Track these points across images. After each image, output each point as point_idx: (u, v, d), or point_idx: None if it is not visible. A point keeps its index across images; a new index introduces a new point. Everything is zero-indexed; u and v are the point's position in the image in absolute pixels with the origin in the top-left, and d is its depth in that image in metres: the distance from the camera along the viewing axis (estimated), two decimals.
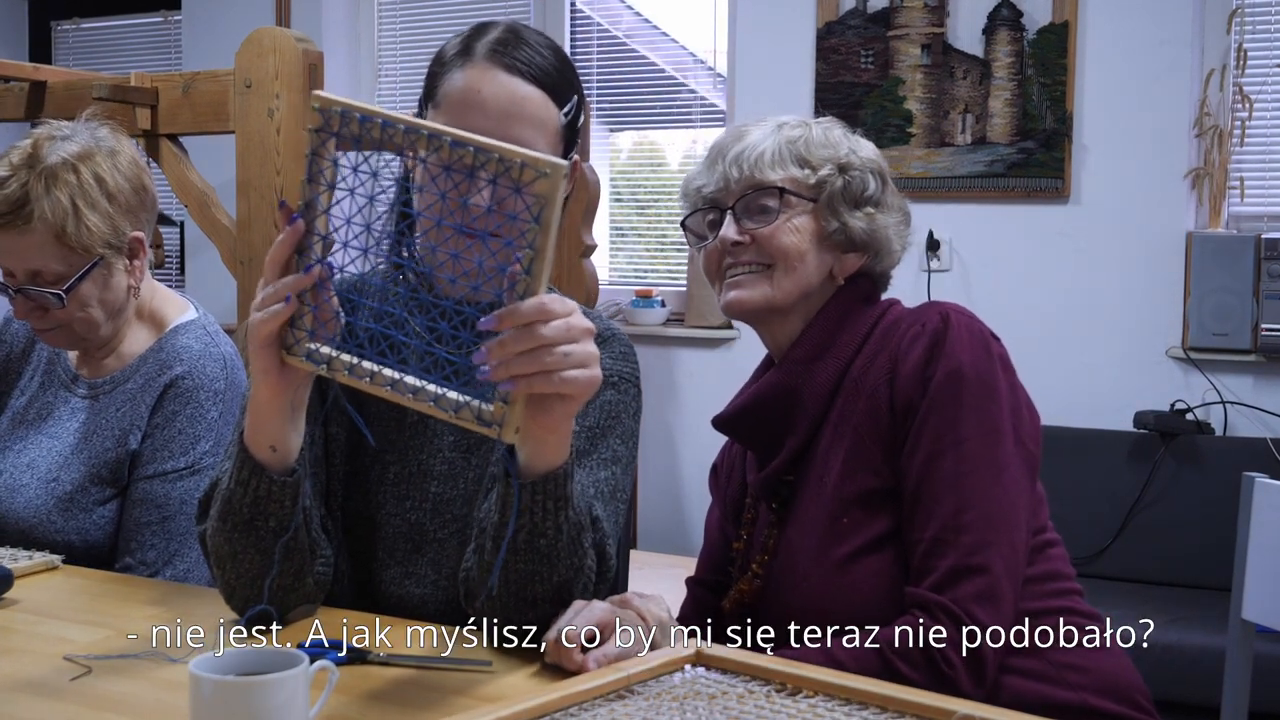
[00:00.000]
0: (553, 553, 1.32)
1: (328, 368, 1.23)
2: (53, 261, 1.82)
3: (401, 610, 1.52)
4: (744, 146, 1.57)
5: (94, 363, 1.96)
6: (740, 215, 1.56)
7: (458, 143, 1.15)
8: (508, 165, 1.13)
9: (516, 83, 1.44)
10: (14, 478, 1.88)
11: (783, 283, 1.55)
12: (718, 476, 1.75)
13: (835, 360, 1.54)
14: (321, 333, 1.23)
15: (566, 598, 1.34)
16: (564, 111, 1.47)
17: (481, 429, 1.18)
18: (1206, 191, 3.78)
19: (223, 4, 5.25)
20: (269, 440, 1.34)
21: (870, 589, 1.45)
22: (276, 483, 1.36)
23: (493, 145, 1.14)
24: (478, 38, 1.48)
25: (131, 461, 1.87)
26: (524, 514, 1.30)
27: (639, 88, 4.74)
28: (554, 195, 1.13)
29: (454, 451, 1.53)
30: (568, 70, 1.50)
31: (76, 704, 1.22)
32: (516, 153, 1.13)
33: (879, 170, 1.59)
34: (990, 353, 1.47)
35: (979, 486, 1.41)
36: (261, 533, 1.38)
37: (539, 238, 1.13)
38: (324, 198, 1.21)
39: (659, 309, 4.51)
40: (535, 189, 1.13)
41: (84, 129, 1.89)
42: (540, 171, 1.12)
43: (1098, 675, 1.47)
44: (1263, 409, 3.69)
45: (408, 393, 1.19)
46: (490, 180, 1.14)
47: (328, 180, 1.21)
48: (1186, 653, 3.07)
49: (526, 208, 1.13)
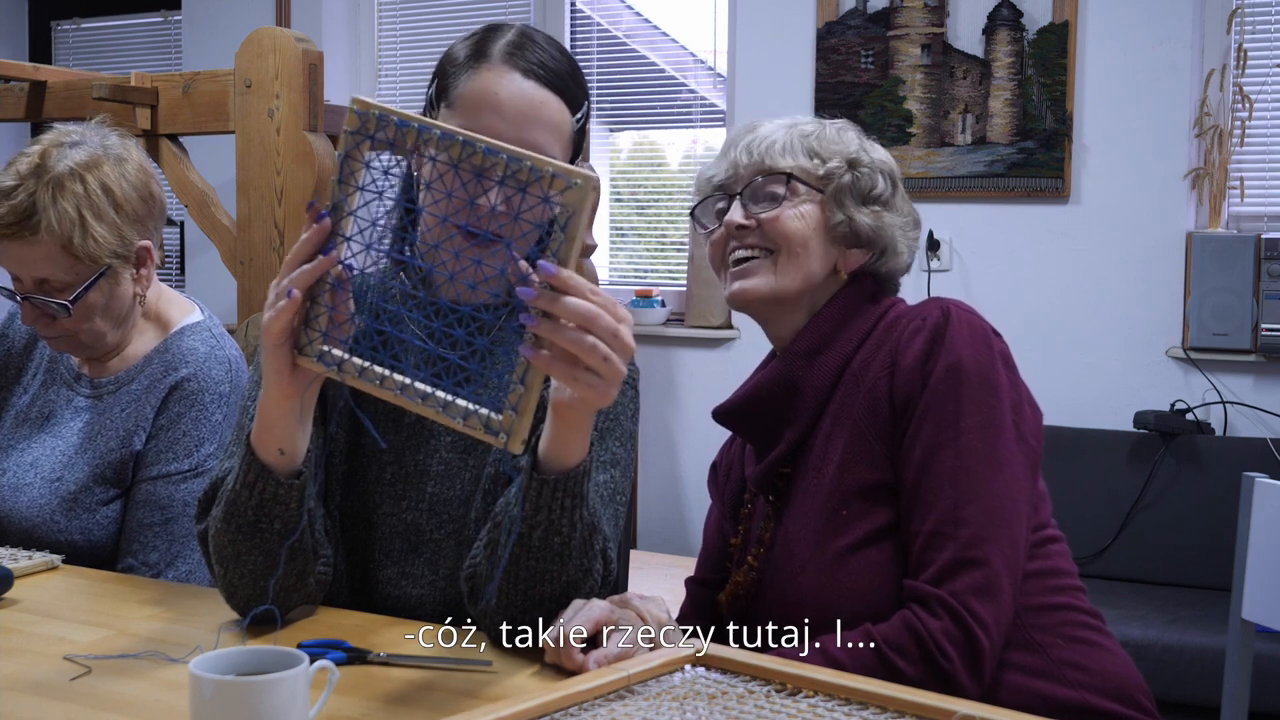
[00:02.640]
0: (565, 551, 1.33)
1: (339, 370, 1.22)
2: (60, 271, 1.82)
3: (398, 610, 1.52)
4: (755, 136, 1.59)
5: (98, 362, 1.95)
6: (747, 200, 1.58)
7: (491, 150, 1.16)
8: (539, 174, 1.14)
9: (533, 86, 1.45)
10: (17, 476, 1.88)
11: (786, 270, 1.55)
12: (717, 475, 1.76)
13: (836, 354, 1.54)
14: (335, 334, 1.23)
15: (576, 594, 1.35)
16: (576, 117, 1.49)
17: (489, 438, 1.17)
18: (1206, 191, 3.78)
19: (223, 4, 5.25)
20: (277, 443, 1.34)
21: (868, 582, 1.45)
22: (284, 485, 1.36)
23: (524, 154, 1.15)
24: (492, 40, 1.48)
25: (135, 462, 1.87)
26: (542, 510, 1.30)
27: (639, 88, 4.74)
28: (582, 206, 1.13)
29: (451, 452, 1.53)
30: (579, 76, 1.51)
31: (76, 704, 1.22)
32: (547, 163, 1.14)
33: (890, 173, 1.60)
34: (991, 348, 1.47)
35: (978, 480, 1.42)
36: (266, 534, 1.38)
37: (564, 248, 1.14)
38: (351, 199, 1.22)
39: (659, 309, 4.51)
40: (564, 199, 1.13)
41: (93, 134, 1.88)
42: (571, 182, 1.13)
43: (1099, 674, 1.47)
44: (1263, 409, 3.69)
45: (416, 398, 1.19)
46: (520, 188, 1.15)
47: (357, 182, 1.21)
48: (1186, 653, 3.07)
49: (554, 217, 1.14)
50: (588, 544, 1.35)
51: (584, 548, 1.34)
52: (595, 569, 1.37)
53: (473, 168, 1.17)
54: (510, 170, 1.15)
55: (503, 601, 1.36)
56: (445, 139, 1.17)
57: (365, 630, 1.43)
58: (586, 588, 1.36)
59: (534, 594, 1.35)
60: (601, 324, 1.16)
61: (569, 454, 1.29)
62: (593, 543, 1.35)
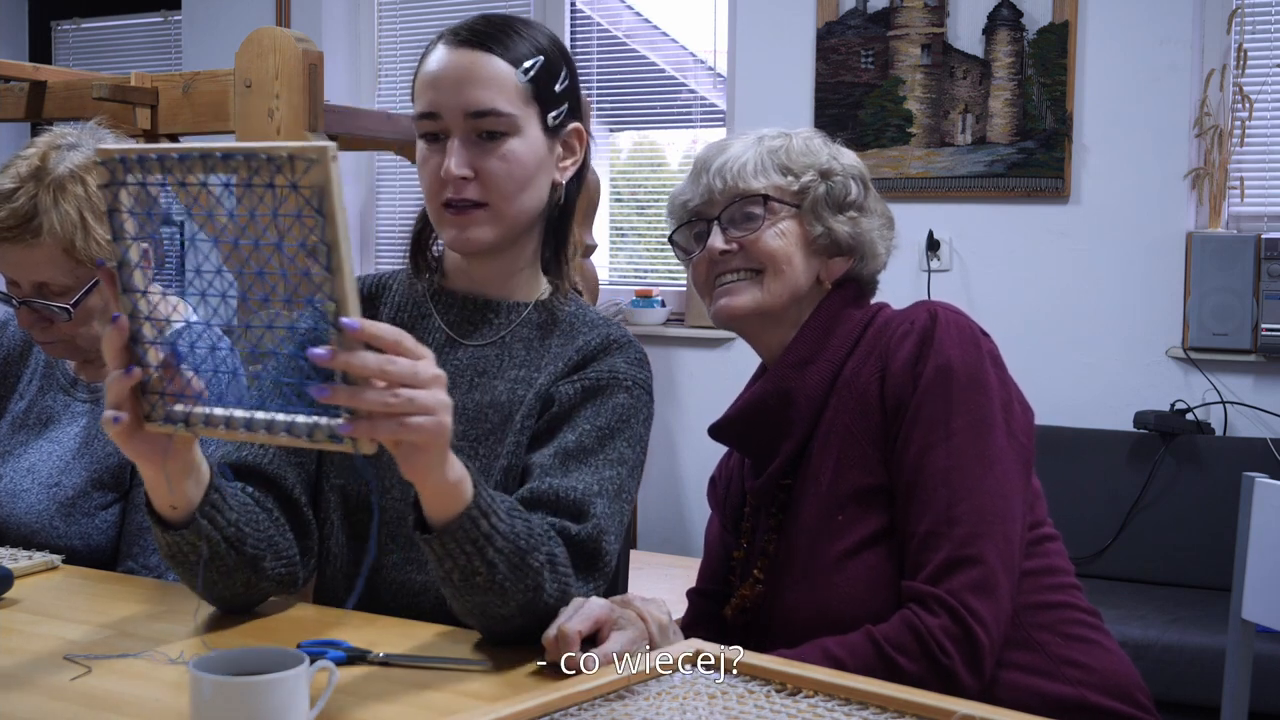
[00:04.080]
0: (492, 586, 1.30)
1: (186, 425, 1.20)
2: (60, 275, 1.81)
3: (402, 596, 1.52)
4: (726, 159, 1.60)
5: (94, 368, 1.95)
6: (726, 225, 1.59)
7: (227, 155, 1.11)
8: (278, 162, 1.08)
9: (462, 52, 1.49)
10: (14, 482, 1.88)
11: (772, 287, 1.56)
12: (716, 488, 1.76)
13: (827, 363, 1.55)
14: (171, 390, 1.20)
15: (539, 609, 1.34)
16: (522, 69, 1.49)
17: (338, 447, 1.12)
18: (1206, 191, 3.77)
19: (223, 4, 5.25)
20: (168, 501, 1.34)
21: (866, 585, 1.45)
22: (185, 535, 1.36)
23: (257, 146, 1.09)
24: (446, 30, 1.53)
25: (134, 467, 1.86)
26: (445, 559, 1.28)
27: (639, 88, 4.74)
28: (328, 183, 1.06)
29: (462, 440, 1.53)
30: (534, 37, 1.52)
31: (76, 704, 1.22)
32: (282, 147, 1.08)
33: (860, 176, 1.62)
34: (979, 348, 1.48)
35: (971, 479, 1.42)
36: (193, 566, 1.39)
37: (327, 229, 1.07)
38: (132, 251, 1.19)
39: (659, 309, 4.51)
40: (309, 180, 1.07)
41: (89, 136, 1.88)
42: (309, 159, 1.06)
43: (1097, 672, 1.47)
44: (1263, 409, 3.69)
45: (261, 429, 1.15)
46: (268, 185, 1.09)
47: (131, 233, 1.19)
48: (1186, 653, 3.07)
49: (307, 202, 1.07)
50: (520, 569, 1.31)
51: (517, 575, 1.31)
52: (544, 582, 1.33)
53: (221, 180, 1.12)
54: (251, 166, 1.09)
55: (470, 623, 1.37)
56: (185, 160, 1.13)
57: (365, 630, 1.43)
58: (544, 599, 1.34)
59: (495, 614, 1.34)
60: (392, 374, 1.10)
61: (444, 504, 1.25)
62: (527, 563, 1.31)
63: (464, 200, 1.48)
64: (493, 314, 1.58)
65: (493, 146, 1.48)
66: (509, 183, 1.49)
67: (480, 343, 1.57)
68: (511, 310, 1.58)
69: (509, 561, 1.30)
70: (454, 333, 1.58)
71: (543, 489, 1.43)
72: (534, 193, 1.52)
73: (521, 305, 1.58)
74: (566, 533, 1.40)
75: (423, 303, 1.61)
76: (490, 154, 1.48)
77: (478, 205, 1.49)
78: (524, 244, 1.57)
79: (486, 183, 1.48)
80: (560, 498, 1.42)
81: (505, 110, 1.47)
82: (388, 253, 5.15)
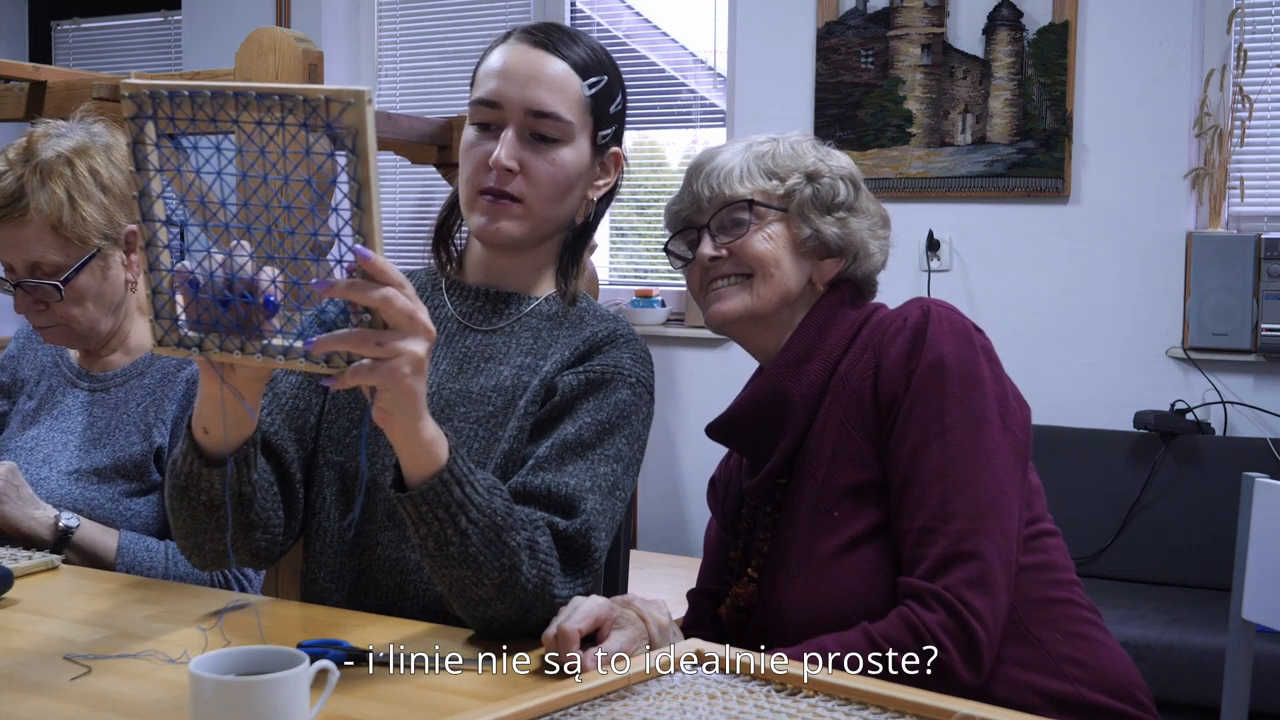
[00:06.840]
0: (465, 558, 1.32)
1: (200, 349, 1.24)
2: (50, 252, 1.85)
3: (395, 573, 1.53)
4: (714, 166, 1.62)
5: (100, 359, 1.98)
6: (715, 231, 1.60)
7: (262, 95, 1.14)
8: (314, 104, 1.12)
9: (538, 54, 1.54)
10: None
11: (761, 290, 1.57)
12: (716, 490, 1.76)
13: (822, 362, 1.55)
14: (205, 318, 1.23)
15: (517, 594, 1.35)
16: (588, 83, 1.55)
17: (311, 368, 1.18)
18: (1206, 191, 3.77)
19: (223, 4, 5.25)
20: (201, 421, 1.37)
21: (861, 581, 1.45)
22: (205, 465, 1.38)
23: (296, 88, 1.13)
24: (518, 28, 1.58)
25: (159, 456, 1.89)
26: (420, 524, 1.31)
27: (639, 88, 4.74)
28: (363, 124, 1.12)
29: (464, 422, 1.54)
30: (598, 54, 1.59)
31: (76, 704, 1.22)
32: (319, 89, 1.12)
33: (850, 177, 1.63)
34: (973, 343, 1.48)
35: (966, 474, 1.42)
36: (194, 503, 1.41)
37: (359, 168, 1.13)
38: (154, 182, 1.22)
39: (659, 309, 4.51)
40: (344, 121, 1.12)
41: (79, 126, 1.93)
42: (345, 102, 1.12)
43: (1096, 670, 1.47)
44: (1263, 409, 3.69)
45: (257, 353, 1.20)
46: (302, 125, 1.13)
47: (155, 165, 1.21)
48: (1186, 653, 3.07)
49: (342, 141, 1.13)
50: (496, 545, 1.33)
51: (492, 550, 1.33)
52: (520, 564, 1.35)
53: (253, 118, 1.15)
54: (287, 106, 1.13)
55: (453, 605, 1.39)
56: (218, 96, 1.16)
57: (365, 630, 1.43)
58: (520, 581, 1.35)
59: (474, 596, 1.36)
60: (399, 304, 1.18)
61: (419, 464, 1.29)
62: (504, 541, 1.34)
63: (503, 192, 1.53)
64: (504, 305, 1.61)
65: (544, 149, 1.54)
66: (550, 186, 1.54)
67: (489, 329, 1.59)
68: (523, 302, 1.61)
69: (484, 536, 1.32)
70: (465, 321, 1.61)
71: (535, 482, 1.44)
72: (568, 202, 1.58)
73: (532, 298, 1.62)
74: (555, 527, 1.42)
75: (437, 292, 1.65)
76: (540, 155, 1.54)
77: (514, 200, 1.53)
78: (543, 250, 1.62)
79: (530, 180, 1.53)
80: (552, 492, 1.44)
81: (565, 117, 1.53)
82: (388, 252, 5.14)
